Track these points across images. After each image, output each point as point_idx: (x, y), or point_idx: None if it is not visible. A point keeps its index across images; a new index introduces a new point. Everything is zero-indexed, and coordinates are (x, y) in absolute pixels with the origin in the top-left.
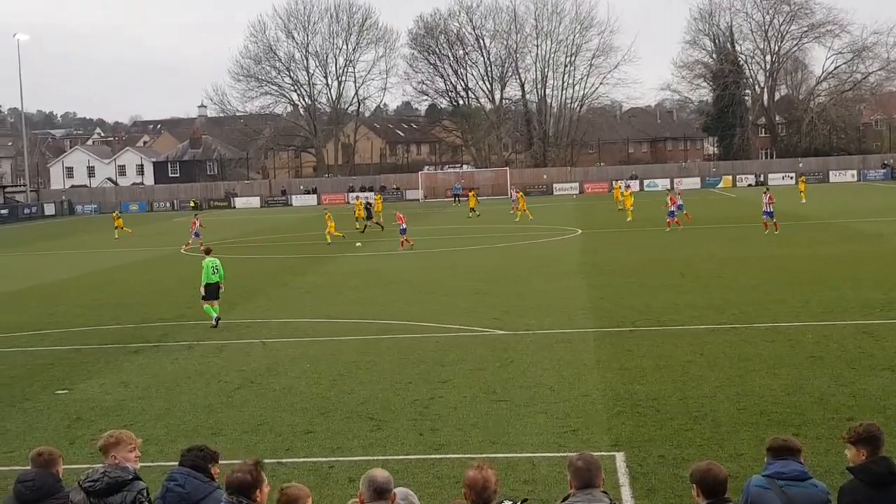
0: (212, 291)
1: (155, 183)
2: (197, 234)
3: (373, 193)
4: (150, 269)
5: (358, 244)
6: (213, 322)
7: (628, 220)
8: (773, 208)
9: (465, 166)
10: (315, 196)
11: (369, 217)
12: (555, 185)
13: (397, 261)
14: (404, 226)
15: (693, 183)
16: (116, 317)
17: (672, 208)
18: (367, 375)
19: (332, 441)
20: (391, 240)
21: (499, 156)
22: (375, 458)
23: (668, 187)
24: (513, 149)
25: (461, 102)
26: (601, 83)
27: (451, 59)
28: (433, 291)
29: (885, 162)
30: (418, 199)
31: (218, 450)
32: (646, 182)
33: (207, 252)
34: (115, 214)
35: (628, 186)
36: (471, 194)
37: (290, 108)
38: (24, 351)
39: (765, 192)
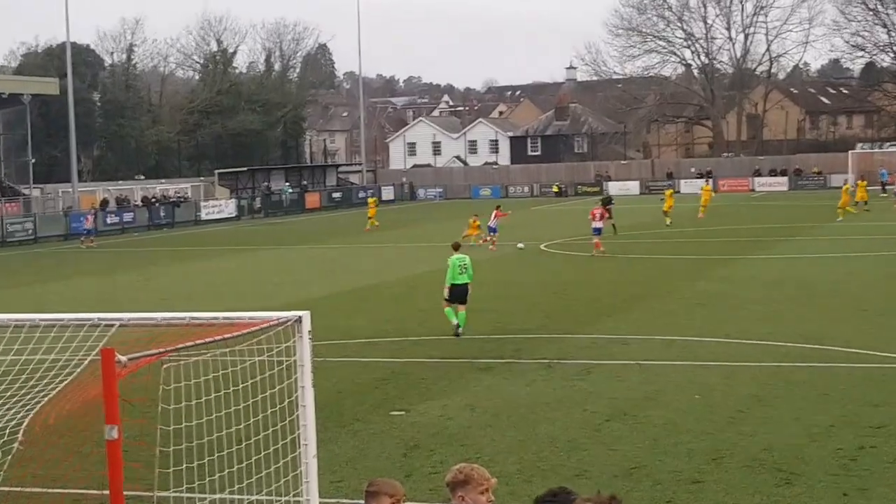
0: (459, 294)
1: (511, 162)
2: (493, 230)
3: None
4: (505, 269)
5: (520, 245)
6: (454, 331)
7: None
8: None
9: None
10: (710, 181)
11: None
12: None
13: (817, 266)
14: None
15: None
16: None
17: None
18: (774, 413)
19: (726, 495)
20: (816, 239)
21: None
22: None
23: None
24: None
25: None
26: None
27: None
28: (864, 308)
29: None
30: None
31: (579, 494)
32: None
33: (455, 248)
34: (371, 200)
35: None
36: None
37: (680, 70)
38: (356, 362)
39: None
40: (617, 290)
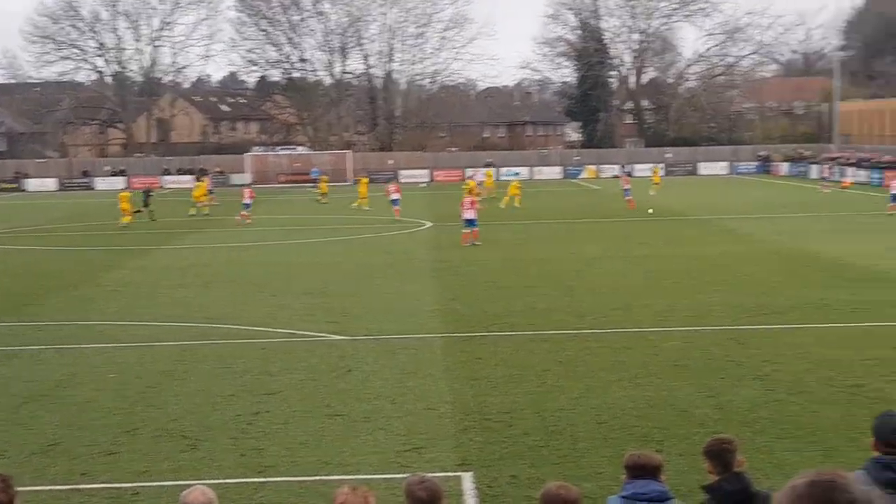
0: None
1: None
2: (248, 206)
3: (200, 176)
4: None
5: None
6: None
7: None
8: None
9: (299, 148)
10: (123, 178)
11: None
12: (401, 172)
13: (220, 256)
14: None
15: (554, 173)
16: None
17: (627, 186)
18: (182, 387)
19: (137, 463)
20: (219, 230)
21: (339, 137)
22: (188, 482)
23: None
24: (355, 130)
25: (296, 75)
26: (454, 59)
27: (286, 24)
28: (261, 291)
29: (759, 154)
30: (245, 185)
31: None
32: (503, 170)
33: None
34: None
35: (471, 177)
36: (323, 178)
37: (94, 76)
38: None
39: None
40: (36, 280)
